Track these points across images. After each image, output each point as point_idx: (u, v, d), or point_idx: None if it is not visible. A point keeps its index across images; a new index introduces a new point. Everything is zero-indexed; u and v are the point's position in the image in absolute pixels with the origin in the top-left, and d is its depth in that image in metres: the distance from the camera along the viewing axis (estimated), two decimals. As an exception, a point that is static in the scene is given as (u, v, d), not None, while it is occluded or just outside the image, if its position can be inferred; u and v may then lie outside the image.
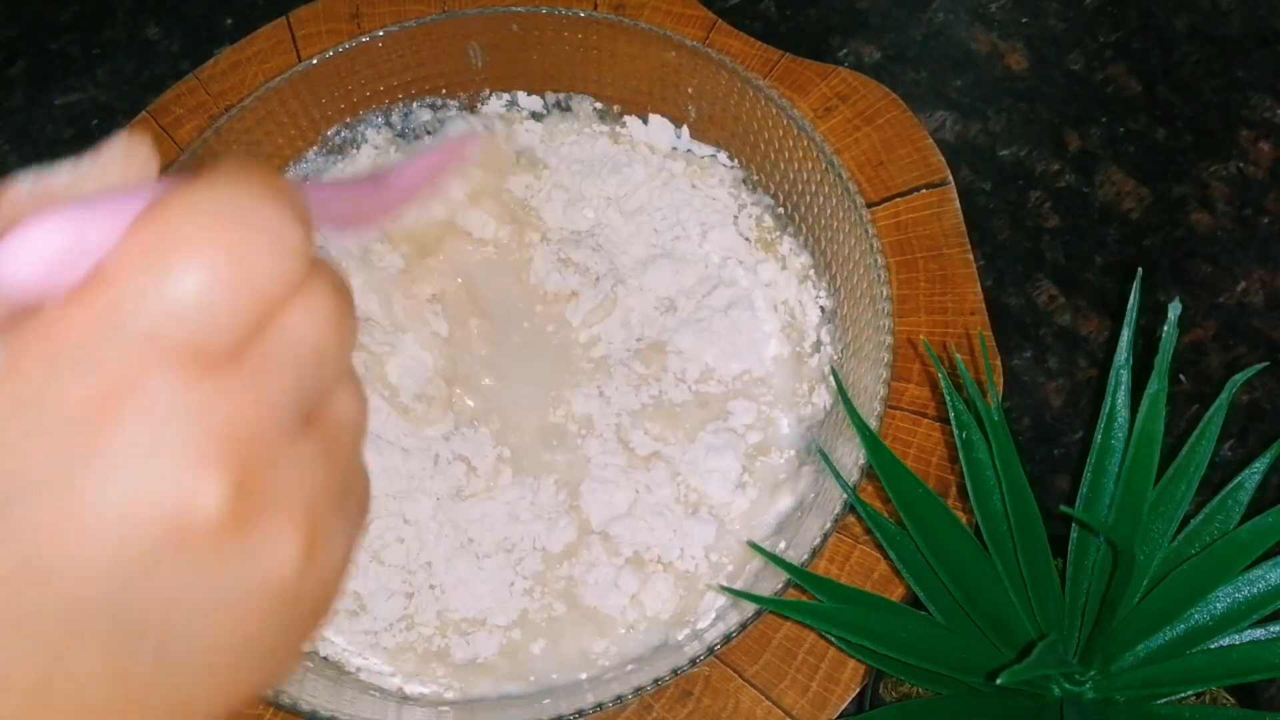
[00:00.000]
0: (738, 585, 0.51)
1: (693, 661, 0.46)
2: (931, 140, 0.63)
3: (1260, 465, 0.42)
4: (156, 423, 0.17)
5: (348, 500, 0.21)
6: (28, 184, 0.19)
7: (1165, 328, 0.42)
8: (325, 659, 0.51)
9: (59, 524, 0.17)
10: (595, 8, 0.67)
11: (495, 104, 0.64)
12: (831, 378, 0.54)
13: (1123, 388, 0.43)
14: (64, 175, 0.19)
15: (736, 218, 0.61)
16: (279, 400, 0.19)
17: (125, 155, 0.20)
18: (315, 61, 0.59)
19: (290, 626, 0.20)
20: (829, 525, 0.47)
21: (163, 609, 0.18)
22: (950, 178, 0.62)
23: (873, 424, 0.48)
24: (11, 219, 0.18)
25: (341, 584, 0.22)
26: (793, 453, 0.55)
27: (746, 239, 0.61)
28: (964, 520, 0.44)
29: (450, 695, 0.51)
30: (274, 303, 0.19)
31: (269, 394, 0.19)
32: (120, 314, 0.17)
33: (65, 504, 0.17)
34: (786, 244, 0.60)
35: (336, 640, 0.52)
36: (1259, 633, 0.41)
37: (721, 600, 0.51)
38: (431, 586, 0.53)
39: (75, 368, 0.17)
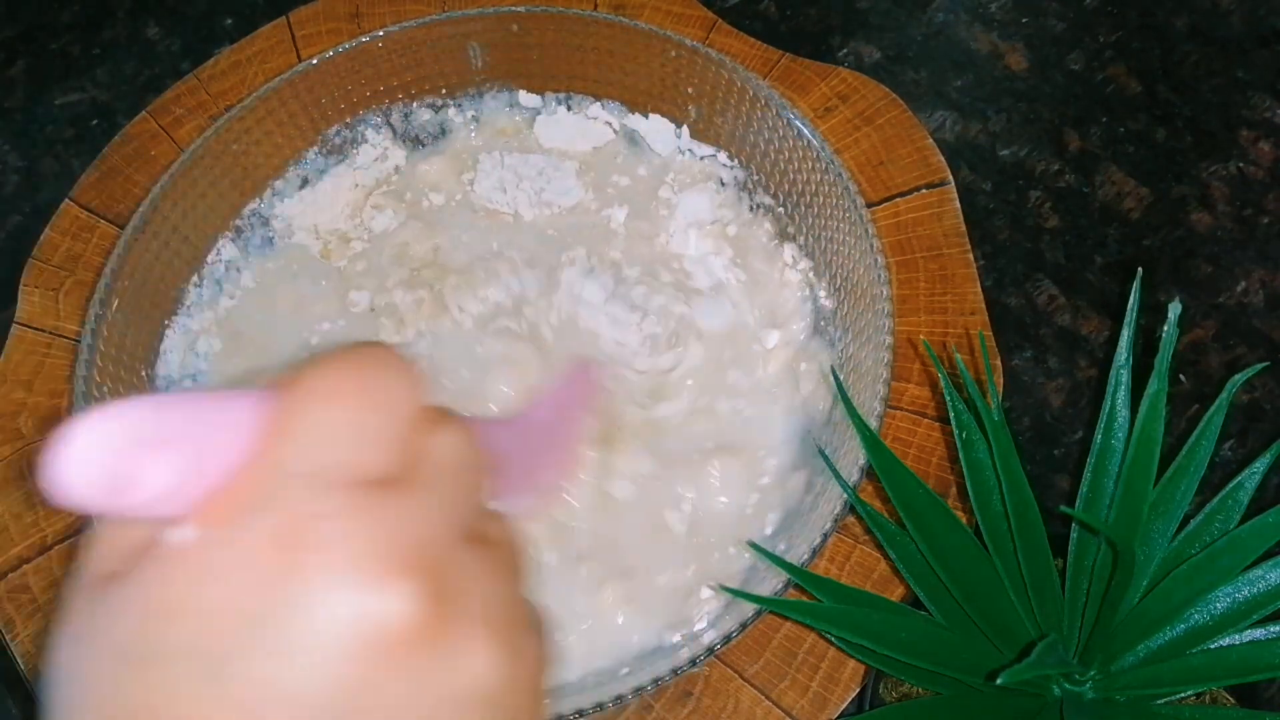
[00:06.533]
0: (736, 584, 0.51)
1: (693, 662, 0.46)
2: (931, 140, 0.63)
3: (1260, 465, 0.42)
4: (340, 546, 0.18)
5: (530, 619, 0.22)
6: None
7: (1165, 328, 0.42)
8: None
9: (276, 660, 0.18)
10: (595, 8, 0.67)
11: (494, 104, 0.64)
12: (831, 378, 0.54)
13: (1123, 388, 0.43)
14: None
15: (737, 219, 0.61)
16: (447, 510, 0.20)
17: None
18: (315, 61, 0.59)
19: None
20: (829, 525, 0.47)
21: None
22: (950, 178, 0.61)
23: (873, 424, 0.48)
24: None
25: (539, 707, 0.22)
26: (792, 453, 0.55)
27: (747, 241, 0.61)
28: (964, 520, 0.44)
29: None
30: (412, 421, 0.20)
31: (436, 504, 0.20)
32: (281, 463, 0.19)
33: (277, 640, 0.18)
34: (788, 248, 0.60)
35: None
36: (1259, 633, 0.41)
37: (721, 600, 0.51)
38: None
39: (254, 515, 0.19)
